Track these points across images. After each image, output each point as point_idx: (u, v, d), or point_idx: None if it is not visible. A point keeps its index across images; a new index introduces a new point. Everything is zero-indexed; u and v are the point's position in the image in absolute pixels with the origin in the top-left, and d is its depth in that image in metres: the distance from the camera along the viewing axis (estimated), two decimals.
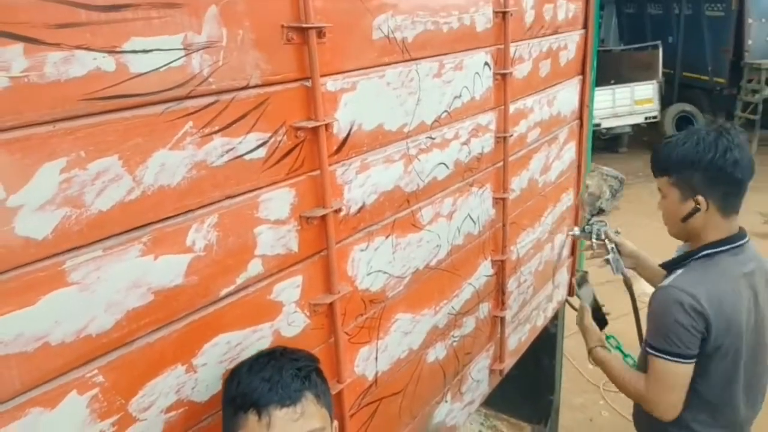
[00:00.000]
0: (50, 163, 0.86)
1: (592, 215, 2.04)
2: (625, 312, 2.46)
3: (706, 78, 11.06)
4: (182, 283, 1.06)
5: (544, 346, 2.84)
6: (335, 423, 1.14)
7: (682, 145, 1.66)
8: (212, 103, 1.06)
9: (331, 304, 1.36)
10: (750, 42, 10.04)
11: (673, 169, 1.68)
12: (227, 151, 1.10)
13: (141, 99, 0.95)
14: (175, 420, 1.09)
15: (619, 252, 2.10)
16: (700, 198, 1.64)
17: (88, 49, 0.87)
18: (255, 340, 1.22)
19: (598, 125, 9.57)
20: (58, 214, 0.88)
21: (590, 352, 1.98)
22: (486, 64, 1.82)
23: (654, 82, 10.12)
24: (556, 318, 2.85)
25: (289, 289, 1.28)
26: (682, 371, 1.63)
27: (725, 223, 1.68)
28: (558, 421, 3.09)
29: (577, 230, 2.21)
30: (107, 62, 0.90)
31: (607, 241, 2.10)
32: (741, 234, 1.72)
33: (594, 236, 2.11)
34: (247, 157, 1.14)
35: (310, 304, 1.33)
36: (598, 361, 1.95)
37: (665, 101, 10.78)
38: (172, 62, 0.98)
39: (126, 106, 0.93)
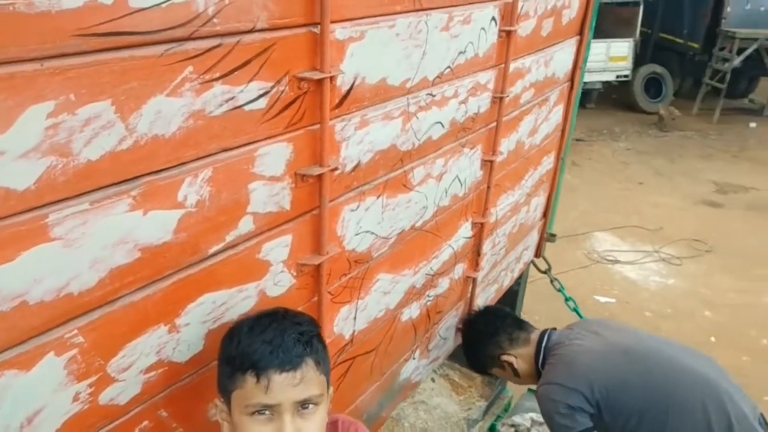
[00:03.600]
0: (36, 107, 0.76)
1: None
2: None
3: (681, 41, 11.08)
4: (171, 240, 0.99)
5: (505, 303, 2.87)
6: (331, 389, 1.11)
7: (469, 336, 2.14)
8: (215, 47, 0.96)
9: (318, 265, 1.31)
10: (729, 9, 10.05)
11: (483, 356, 2.09)
12: (227, 101, 1.01)
13: (140, 38, 0.84)
14: (154, 380, 1.04)
15: None
16: (503, 357, 2.02)
17: None
18: (240, 300, 1.16)
19: None
20: (43, 163, 0.78)
21: None
22: (493, 19, 1.73)
23: (631, 39, 10.10)
24: (520, 277, 2.88)
25: (277, 249, 1.21)
26: None
27: (527, 345, 2.02)
28: None
29: None
30: None
31: None
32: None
33: None
34: (247, 107, 1.05)
35: (298, 264, 1.28)
36: None
37: (639, 60, 10.79)
38: None
39: (123, 44, 0.83)
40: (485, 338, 2.05)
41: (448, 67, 1.59)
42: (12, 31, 0.71)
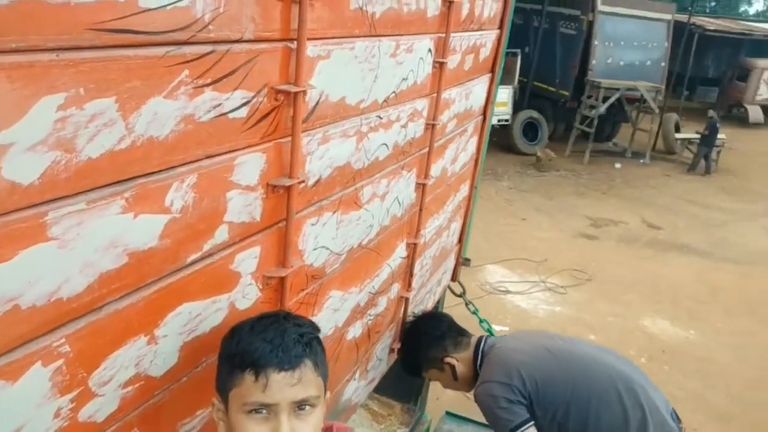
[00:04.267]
0: (49, 98, 0.73)
1: None
2: None
3: (553, 89, 12.08)
4: (155, 246, 0.96)
5: None
6: (327, 394, 1.11)
7: (409, 343, 2.22)
8: (209, 53, 0.97)
9: (282, 278, 1.31)
10: (594, 62, 11.13)
11: (421, 361, 2.17)
12: (214, 107, 1.01)
13: (146, 38, 0.84)
14: (130, 396, 0.99)
15: None
16: (447, 359, 2.11)
17: None
18: (213, 311, 1.14)
19: None
20: (49, 157, 0.75)
21: None
22: (429, 50, 1.84)
23: (510, 87, 10.83)
24: (438, 301, 2.97)
25: (248, 260, 1.21)
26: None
27: (467, 349, 2.13)
28: (427, 398, 3.24)
29: None
30: None
31: None
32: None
33: None
34: (230, 115, 1.05)
35: (264, 276, 1.27)
36: None
37: (517, 106, 11.60)
38: (177, 1, 0.88)
39: (131, 42, 0.82)
40: (431, 341, 2.12)
41: (393, 91, 1.67)
42: (33, 19, 0.69)
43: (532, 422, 1.85)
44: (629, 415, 1.83)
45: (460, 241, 2.95)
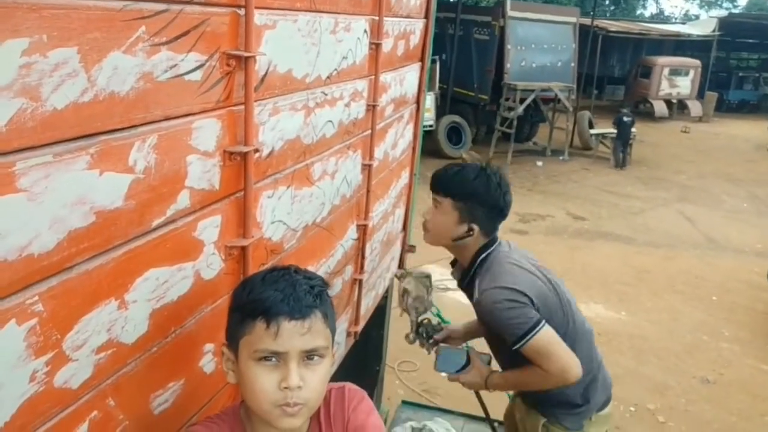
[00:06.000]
0: (13, 41, 0.72)
1: (419, 316, 2.27)
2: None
3: (472, 94, 12.43)
4: (121, 207, 0.95)
5: (374, 318, 2.98)
6: (336, 347, 1.12)
7: (474, 179, 1.91)
8: (163, 11, 0.97)
9: (243, 249, 1.31)
10: (509, 65, 11.55)
11: (461, 197, 1.91)
12: (171, 67, 1.01)
13: None
14: (104, 362, 0.97)
15: (449, 341, 2.30)
16: (475, 226, 1.92)
17: None
18: (179, 279, 1.13)
19: None
20: (15, 104, 0.74)
21: (486, 382, 2.07)
22: (365, 31, 1.89)
23: (431, 94, 11.08)
24: (387, 290, 3.01)
25: (210, 228, 1.20)
26: (551, 331, 1.83)
27: (485, 238, 1.98)
28: (383, 390, 3.26)
29: (412, 335, 2.30)
30: None
31: (439, 339, 2.28)
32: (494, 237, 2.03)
33: (426, 338, 2.27)
34: (186, 77, 1.06)
35: (226, 246, 1.27)
36: (498, 386, 2.08)
37: (440, 112, 11.87)
38: None
39: None
40: (486, 200, 1.91)
41: (336, 69, 1.70)
42: None
43: (545, 321, 1.82)
44: (594, 357, 1.97)
45: (404, 228, 3.00)
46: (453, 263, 2.16)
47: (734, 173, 12.84)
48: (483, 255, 1.96)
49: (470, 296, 2.03)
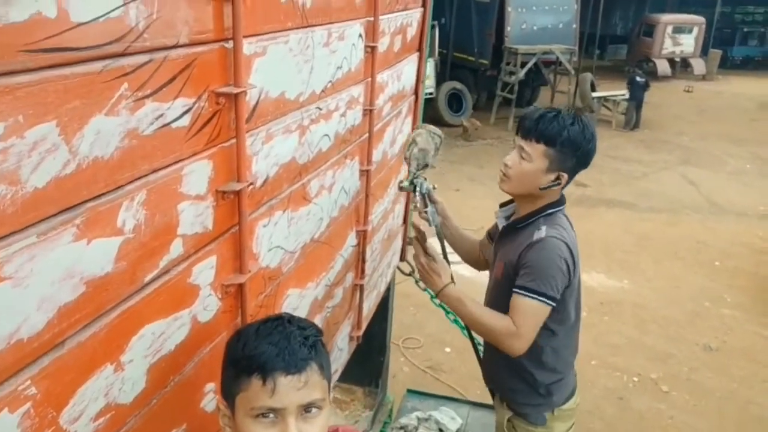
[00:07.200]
0: None
1: (418, 170, 2.11)
2: None
3: (472, 59, 12.22)
4: (112, 271, 0.92)
5: (378, 311, 2.97)
6: (332, 395, 1.11)
7: (571, 125, 1.81)
8: (146, 63, 0.92)
9: (241, 285, 1.29)
10: (509, 28, 11.33)
11: (557, 144, 1.81)
12: (157, 118, 0.97)
13: (81, 54, 0.79)
14: (102, 427, 0.95)
15: (437, 209, 2.16)
16: (564, 175, 1.85)
17: None
18: (176, 328, 1.11)
19: None
20: None
21: (442, 289, 1.94)
22: (360, 35, 1.82)
23: (431, 60, 10.90)
24: (389, 284, 2.99)
25: (205, 271, 1.18)
26: (548, 312, 1.83)
27: (560, 191, 1.94)
28: (387, 380, 3.28)
29: (406, 183, 2.13)
30: (49, 6, 0.73)
31: (427, 196, 2.10)
32: (564, 198, 1.99)
33: (418, 191, 2.09)
34: (173, 125, 1.01)
35: (223, 285, 1.24)
36: (452, 299, 1.92)
37: (439, 79, 11.69)
38: (111, 11, 0.83)
39: (67, 61, 0.77)
40: (581, 155, 1.86)
41: (330, 81, 1.65)
42: None
43: (555, 305, 1.83)
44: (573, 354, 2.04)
45: (404, 221, 2.97)
46: (503, 204, 2.12)
47: (737, 133, 12.69)
48: (553, 210, 1.91)
49: (511, 236, 1.98)
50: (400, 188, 2.15)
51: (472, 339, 2.55)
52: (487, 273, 2.21)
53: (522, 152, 1.86)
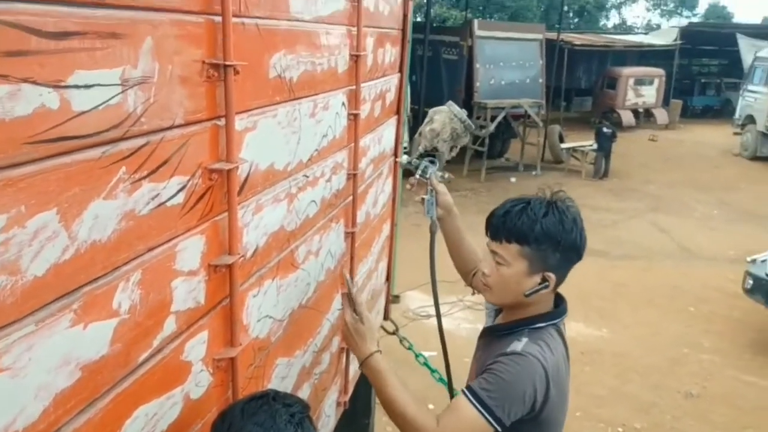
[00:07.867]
0: None
1: (426, 151, 1.95)
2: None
3: None
4: (107, 354, 0.91)
5: (361, 374, 2.93)
6: None
7: (543, 216, 1.52)
8: (144, 146, 0.94)
9: (232, 358, 1.27)
10: (478, 84, 11.64)
11: (530, 240, 1.51)
12: (152, 198, 0.98)
13: (82, 141, 0.81)
14: None
15: (436, 199, 1.91)
16: (550, 275, 1.52)
17: (34, 83, 0.72)
18: (169, 407, 1.09)
19: None
20: None
21: (366, 359, 1.56)
22: (343, 104, 1.87)
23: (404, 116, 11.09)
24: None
25: (197, 346, 1.16)
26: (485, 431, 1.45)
27: (552, 296, 1.61)
28: None
29: (405, 158, 1.84)
30: (52, 98, 0.75)
31: (429, 182, 1.89)
32: (564, 307, 1.64)
33: (419, 172, 1.89)
34: (168, 203, 1.03)
35: (214, 360, 1.23)
36: (373, 372, 1.54)
37: (412, 134, 11.88)
38: (110, 99, 0.85)
39: (68, 149, 0.79)
40: (564, 234, 1.51)
41: (316, 149, 1.68)
42: None
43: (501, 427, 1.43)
44: None
45: (387, 279, 2.97)
46: None
47: (702, 180, 13.07)
48: (542, 324, 1.57)
49: (488, 342, 1.67)
50: (403, 163, 1.83)
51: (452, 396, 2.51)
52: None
53: (496, 257, 1.56)
